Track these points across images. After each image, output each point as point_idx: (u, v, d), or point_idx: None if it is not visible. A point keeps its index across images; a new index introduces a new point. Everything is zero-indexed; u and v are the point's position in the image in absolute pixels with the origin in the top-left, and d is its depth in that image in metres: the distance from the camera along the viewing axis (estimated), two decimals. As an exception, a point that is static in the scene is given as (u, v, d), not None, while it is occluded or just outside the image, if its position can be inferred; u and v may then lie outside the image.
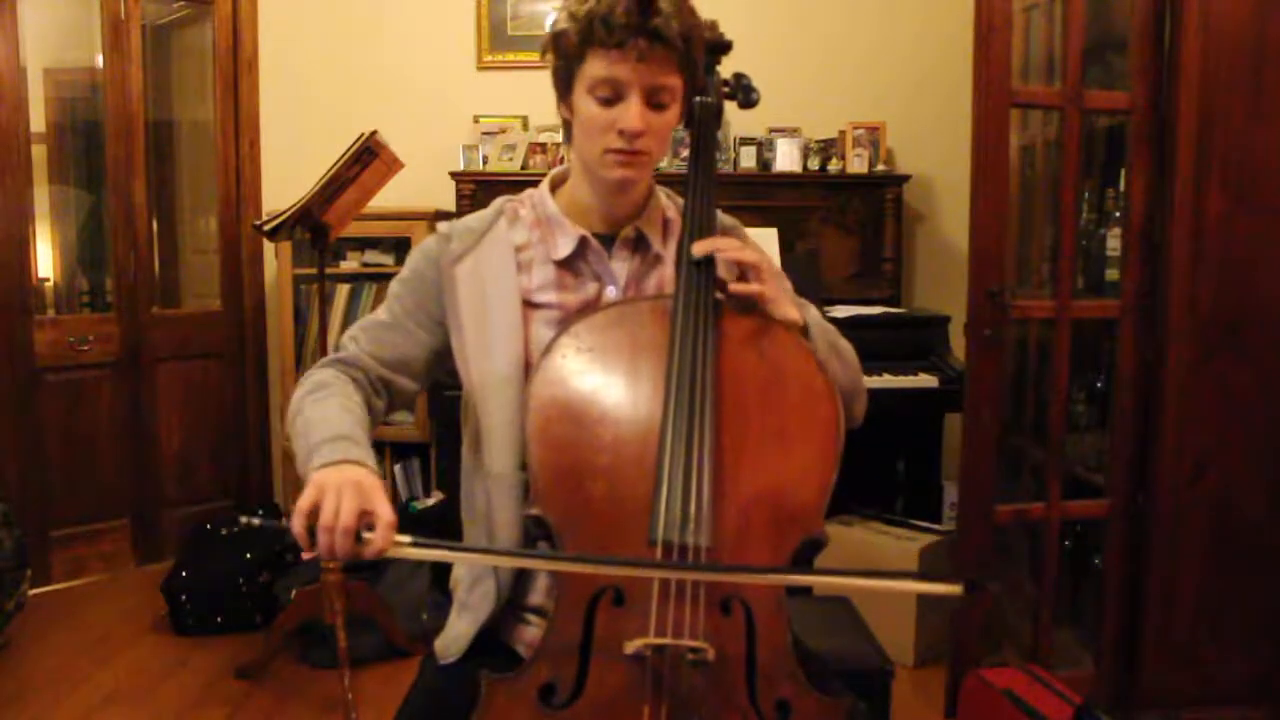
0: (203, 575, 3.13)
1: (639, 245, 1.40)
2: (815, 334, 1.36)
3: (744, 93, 1.47)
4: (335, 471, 1.15)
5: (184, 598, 3.11)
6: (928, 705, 2.65)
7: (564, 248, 1.37)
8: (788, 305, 1.33)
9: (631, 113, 1.27)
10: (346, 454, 1.18)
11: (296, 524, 1.11)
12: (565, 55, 1.30)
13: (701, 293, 1.28)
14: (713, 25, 1.43)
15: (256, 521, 1.15)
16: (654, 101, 1.29)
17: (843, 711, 1.17)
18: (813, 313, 1.39)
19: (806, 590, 2.84)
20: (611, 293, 1.38)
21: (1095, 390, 2.78)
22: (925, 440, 3.45)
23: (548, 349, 1.28)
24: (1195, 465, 2.42)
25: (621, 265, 1.39)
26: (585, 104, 1.29)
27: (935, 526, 3.10)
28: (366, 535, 1.10)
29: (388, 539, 1.10)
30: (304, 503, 1.11)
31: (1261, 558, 2.45)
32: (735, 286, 1.30)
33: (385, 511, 1.12)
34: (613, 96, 1.27)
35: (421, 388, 1.44)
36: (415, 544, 1.12)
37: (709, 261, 1.31)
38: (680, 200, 1.47)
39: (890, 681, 2.06)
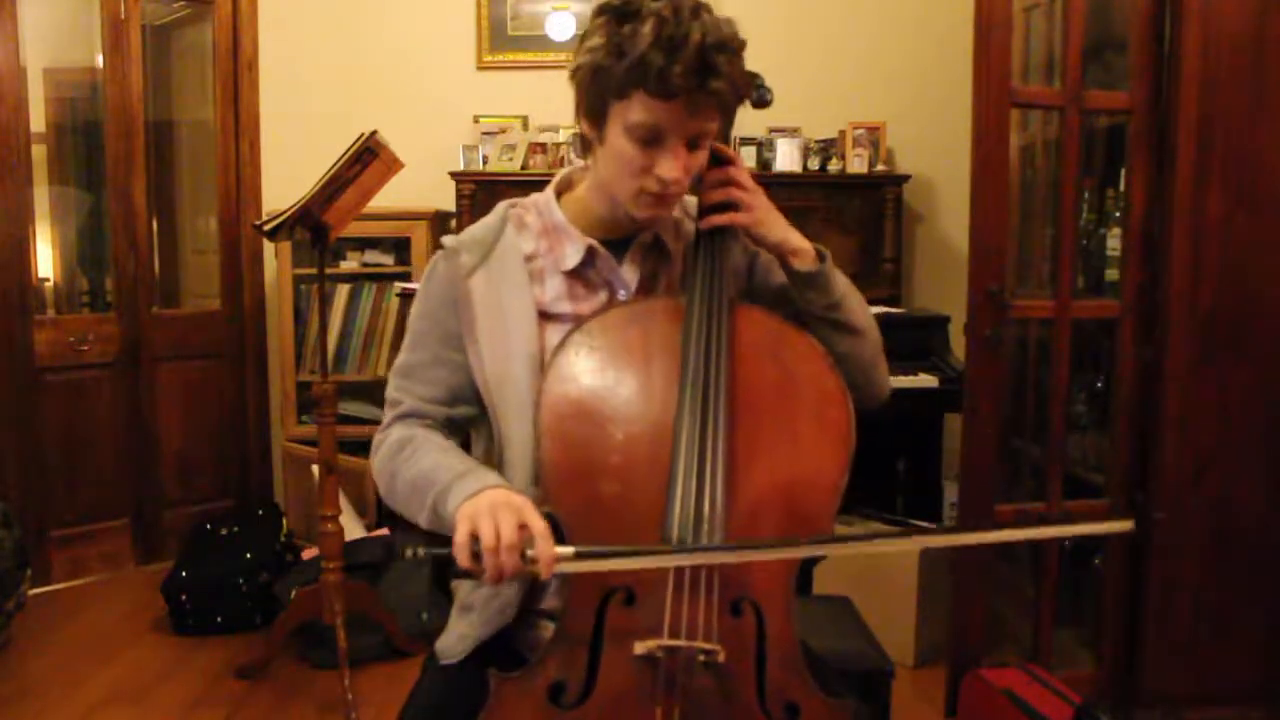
0: (203, 575, 3.13)
1: (653, 248, 1.39)
2: (831, 267, 1.37)
3: (757, 92, 1.46)
4: (479, 499, 1.14)
5: (184, 598, 3.11)
6: (928, 705, 2.66)
7: (572, 258, 1.35)
8: (789, 232, 1.36)
9: (672, 162, 1.23)
10: (482, 482, 1.18)
11: (461, 558, 1.10)
12: (603, 89, 1.23)
13: (715, 293, 1.28)
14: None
15: (422, 552, 1.13)
16: (692, 143, 1.25)
17: (848, 713, 1.17)
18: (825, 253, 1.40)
19: (806, 590, 2.85)
20: (623, 298, 1.36)
21: (1095, 390, 2.78)
22: (925, 440, 3.45)
23: (560, 347, 1.27)
24: (1195, 465, 2.42)
25: (632, 270, 1.37)
26: (620, 142, 1.24)
27: (935, 526, 3.10)
28: (530, 553, 1.09)
29: (550, 550, 1.08)
30: (460, 537, 1.10)
31: (1262, 558, 2.45)
32: (718, 218, 1.33)
33: (538, 523, 1.10)
34: (650, 140, 1.23)
35: (477, 412, 1.38)
36: (579, 555, 1.10)
37: (722, 261, 1.32)
38: (684, 198, 1.46)
39: (890, 681, 2.06)
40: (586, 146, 1.34)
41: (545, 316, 1.34)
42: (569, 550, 1.10)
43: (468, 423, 1.38)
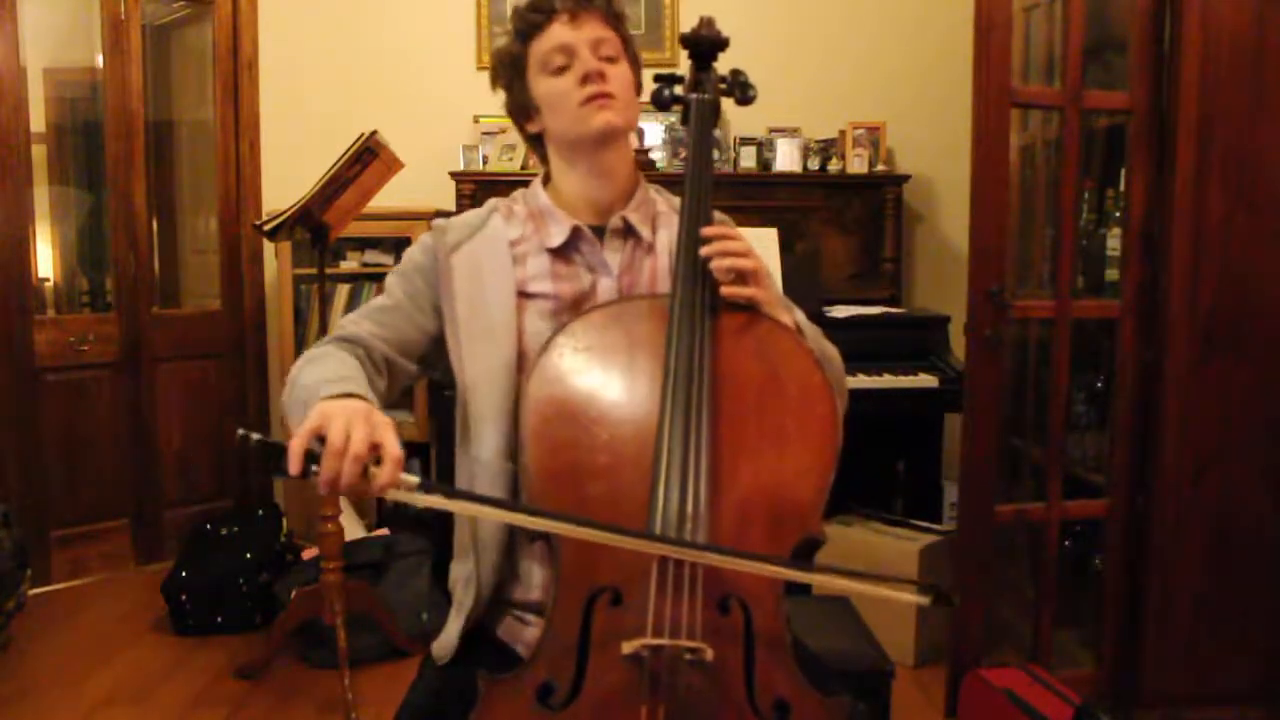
0: (203, 575, 3.13)
1: (628, 234, 1.41)
2: (808, 336, 1.36)
3: (740, 90, 1.47)
4: (340, 402, 1.10)
5: (184, 598, 3.11)
6: (928, 705, 2.65)
7: (557, 236, 1.39)
8: (780, 310, 1.34)
9: (585, 57, 1.35)
10: (352, 390, 1.15)
11: (297, 443, 1.04)
12: (512, 65, 1.40)
13: (699, 291, 1.28)
14: (710, 23, 1.44)
15: (256, 436, 1.05)
16: (600, 55, 1.36)
17: (842, 711, 1.17)
18: (799, 315, 1.39)
19: (806, 589, 2.85)
20: (606, 283, 1.39)
21: (1095, 390, 2.78)
22: (925, 440, 3.45)
23: (544, 347, 1.28)
24: (1195, 465, 2.42)
25: (614, 255, 1.40)
26: (545, 85, 1.37)
27: (935, 526, 3.10)
28: (373, 469, 1.04)
29: (395, 475, 1.05)
30: (307, 425, 1.05)
31: (1261, 558, 2.44)
32: (730, 290, 1.30)
33: (394, 446, 1.06)
34: (565, 63, 1.35)
35: (421, 373, 1.44)
36: (423, 486, 1.06)
37: (707, 260, 1.30)
38: (671, 196, 1.48)
39: (890, 681, 2.06)
40: (539, 145, 1.45)
41: (524, 296, 1.37)
42: (413, 479, 1.06)
43: (402, 378, 1.41)
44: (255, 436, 1.05)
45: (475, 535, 1.34)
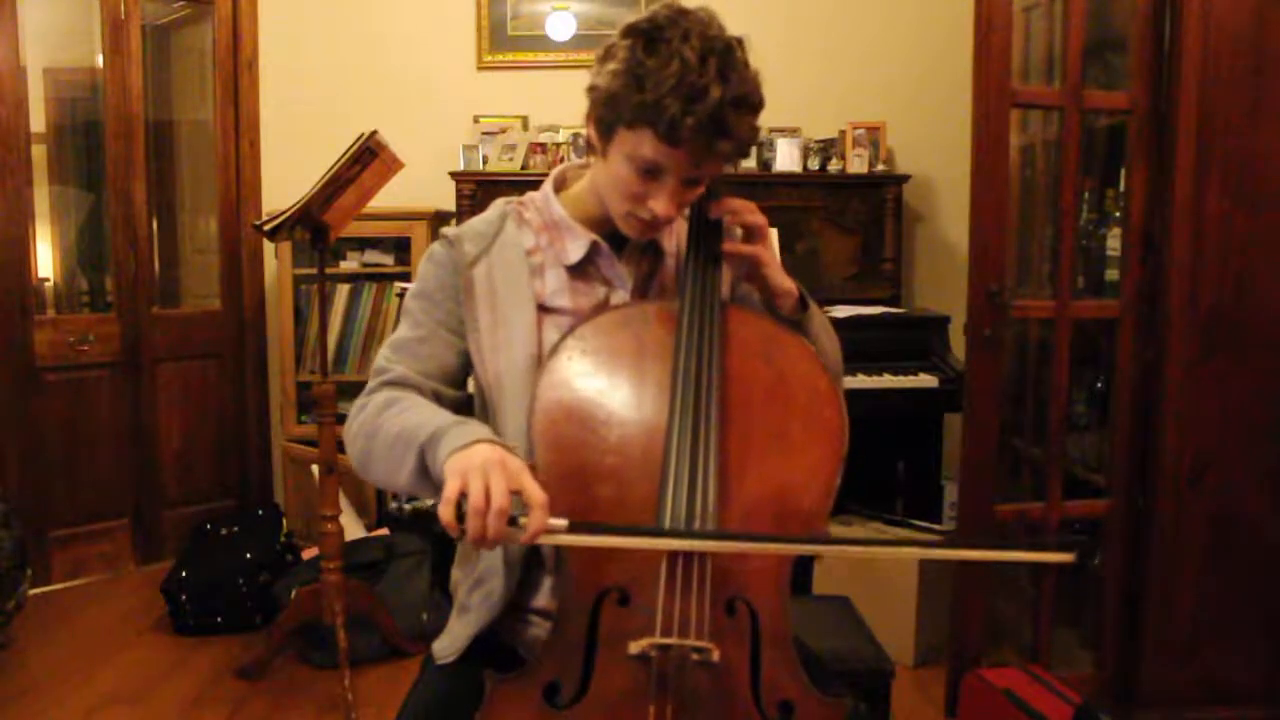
0: (203, 575, 3.13)
1: (648, 248, 1.40)
2: (812, 309, 1.38)
3: None
4: (472, 453, 1.08)
5: (184, 598, 3.11)
6: (928, 705, 2.66)
7: (575, 253, 1.36)
8: (784, 274, 1.35)
9: (667, 200, 1.25)
10: (476, 434, 1.12)
11: (445, 513, 1.04)
12: (614, 114, 1.23)
13: (707, 295, 1.29)
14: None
15: (408, 507, 1.08)
16: (690, 181, 1.26)
17: (844, 712, 1.17)
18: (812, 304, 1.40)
19: (806, 589, 2.85)
20: (620, 296, 1.37)
21: (1095, 390, 2.78)
22: (925, 440, 3.45)
23: (553, 351, 1.27)
24: (1195, 465, 2.42)
25: (630, 268, 1.39)
26: (621, 166, 1.25)
27: (935, 526, 3.10)
28: (521, 520, 1.05)
29: (542, 521, 1.05)
30: (449, 491, 1.04)
31: (1261, 557, 2.45)
32: (735, 246, 1.32)
33: (536, 492, 1.06)
34: (651, 171, 1.24)
35: (463, 396, 1.39)
36: (572, 528, 1.07)
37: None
38: None
39: (890, 681, 2.06)
40: (590, 150, 1.34)
41: (543, 310, 1.35)
42: (562, 523, 1.07)
43: (449, 407, 1.34)
44: (408, 507, 1.08)
45: (504, 550, 1.31)
